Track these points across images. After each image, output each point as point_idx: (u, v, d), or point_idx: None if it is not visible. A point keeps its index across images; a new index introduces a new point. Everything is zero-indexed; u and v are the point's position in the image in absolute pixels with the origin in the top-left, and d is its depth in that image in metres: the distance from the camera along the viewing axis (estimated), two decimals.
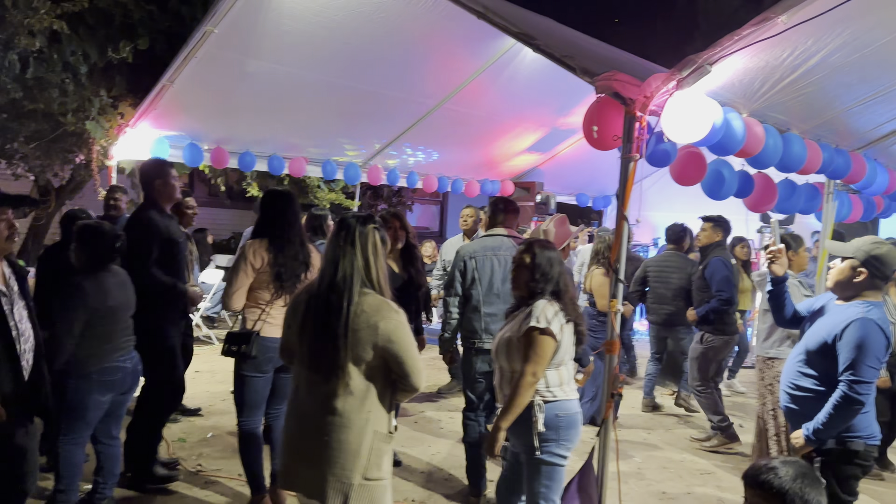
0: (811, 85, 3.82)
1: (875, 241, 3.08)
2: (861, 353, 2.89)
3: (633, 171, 3.36)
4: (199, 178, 12.36)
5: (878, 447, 3.10)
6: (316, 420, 2.49)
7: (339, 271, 2.49)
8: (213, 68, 5.81)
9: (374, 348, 2.46)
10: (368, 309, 2.47)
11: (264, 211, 3.85)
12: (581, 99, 6.92)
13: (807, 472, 1.89)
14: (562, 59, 3.59)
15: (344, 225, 2.55)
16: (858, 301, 3.04)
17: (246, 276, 3.67)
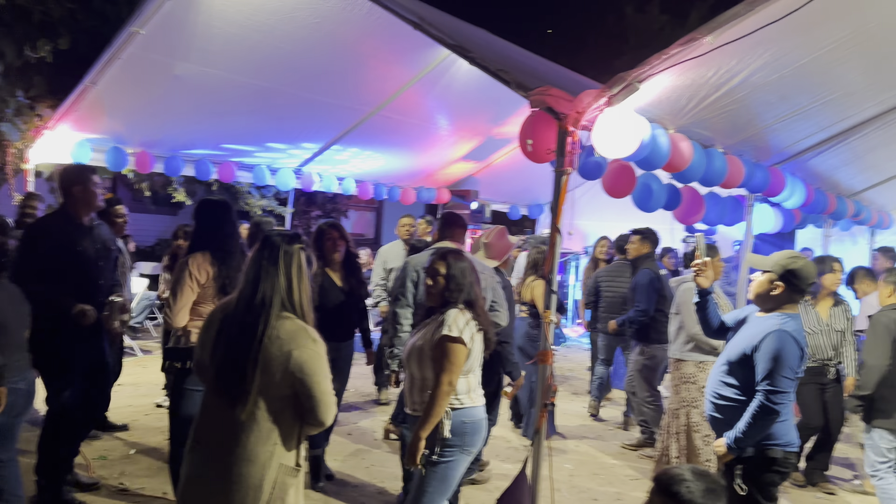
0: (734, 103, 3.97)
1: (792, 256, 3.18)
2: (776, 363, 2.99)
3: (565, 184, 3.41)
4: (122, 183, 11.91)
5: (797, 454, 3.23)
6: (218, 450, 2.32)
7: (258, 292, 2.33)
8: (138, 70, 5.60)
9: (285, 377, 2.30)
10: (284, 335, 2.31)
11: (202, 222, 3.72)
12: (516, 109, 7.06)
13: (715, 488, 1.93)
14: (497, 72, 3.62)
15: (268, 243, 2.40)
16: (776, 313, 3.15)
17: (192, 292, 3.54)
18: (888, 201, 8.72)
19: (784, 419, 3.08)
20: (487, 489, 4.71)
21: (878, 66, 4.33)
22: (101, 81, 5.63)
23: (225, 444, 2.31)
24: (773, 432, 3.07)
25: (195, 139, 7.16)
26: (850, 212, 7.14)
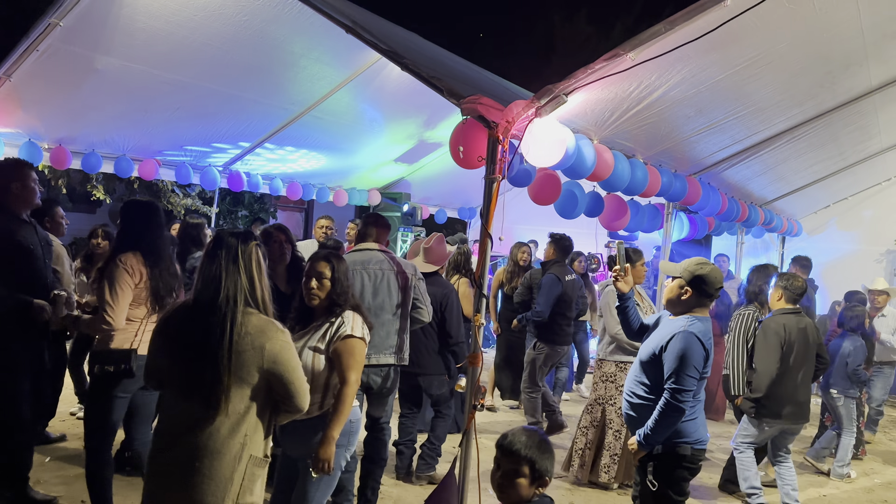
0: (654, 116, 4.15)
1: (700, 263, 3.34)
2: (681, 363, 3.12)
3: (496, 191, 3.49)
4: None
5: (704, 451, 3.37)
6: (188, 447, 2.32)
7: (221, 291, 2.34)
8: (56, 63, 5.38)
9: (259, 370, 2.36)
10: (253, 330, 2.36)
11: (126, 223, 3.62)
12: (447, 114, 7.13)
13: (541, 441, 2.34)
14: (429, 79, 3.66)
15: (223, 242, 2.41)
16: (685, 316, 3.29)
17: (131, 291, 3.45)
18: (797, 210, 9.27)
19: (693, 417, 3.23)
20: (415, 491, 4.74)
21: (787, 84, 4.61)
22: (16, 74, 5.38)
23: (195, 441, 2.32)
24: (682, 430, 3.20)
25: (116, 135, 6.91)
26: (762, 220, 7.55)
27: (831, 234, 9.82)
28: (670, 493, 3.24)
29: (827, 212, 9.82)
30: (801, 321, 4.51)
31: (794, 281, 4.58)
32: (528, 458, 2.29)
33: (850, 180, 8.47)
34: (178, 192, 9.82)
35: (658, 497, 3.26)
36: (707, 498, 5.14)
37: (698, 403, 3.29)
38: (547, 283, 6.00)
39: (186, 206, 9.95)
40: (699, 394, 3.29)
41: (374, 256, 4.21)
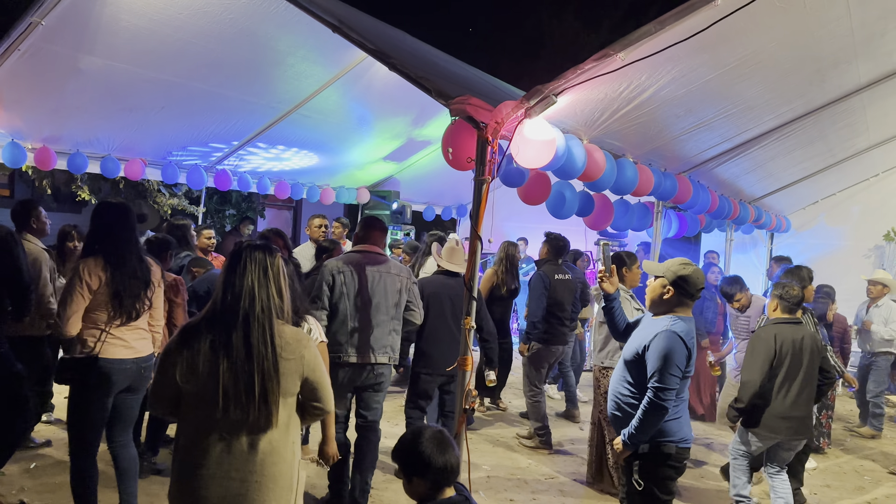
0: (644, 115, 4.13)
1: (682, 263, 3.35)
2: (664, 362, 3.12)
3: (486, 192, 3.46)
4: (21, 180, 11.24)
5: (688, 450, 3.38)
6: (243, 462, 2.29)
7: (257, 303, 2.34)
8: (39, 62, 5.30)
9: (301, 378, 2.40)
10: (292, 340, 2.39)
11: (94, 225, 3.56)
12: (436, 112, 7.10)
13: (443, 439, 2.30)
14: (417, 79, 3.62)
15: (249, 254, 2.39)
16: (668, 315, 3.29)
17: (83, 299, 3.38)
18: (786, 207, 9.30)
19: (677, 416, 3.24)
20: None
21: (776, 82, 4.60)
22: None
23: (250, 455, 2.32)
24: (666, 429, 3.21)
25: (101, 135, 6.83)
26: (751, 217, 7.57)
27: (820, 229, 9.85)
28: (656, 492, 3.25)
29: (815, 208, 9.85)
30: (797, 332, 4.30)
31: (790, 290, 4.38)
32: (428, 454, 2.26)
33: (839, 176, 8.50)
34: (164, 191, 9.72)
35: (644, 496, 3.27)
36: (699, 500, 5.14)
37: (682, 402, 3.30)
38: (532, 283, 5.96)
39: (173, 205, 9.86)
40: (682, 393, 3.29)
41: (373, 259, 4.26)
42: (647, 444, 3.22)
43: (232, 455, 2.31)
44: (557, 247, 6.16)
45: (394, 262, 4.41)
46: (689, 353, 3.19)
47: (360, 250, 4.28)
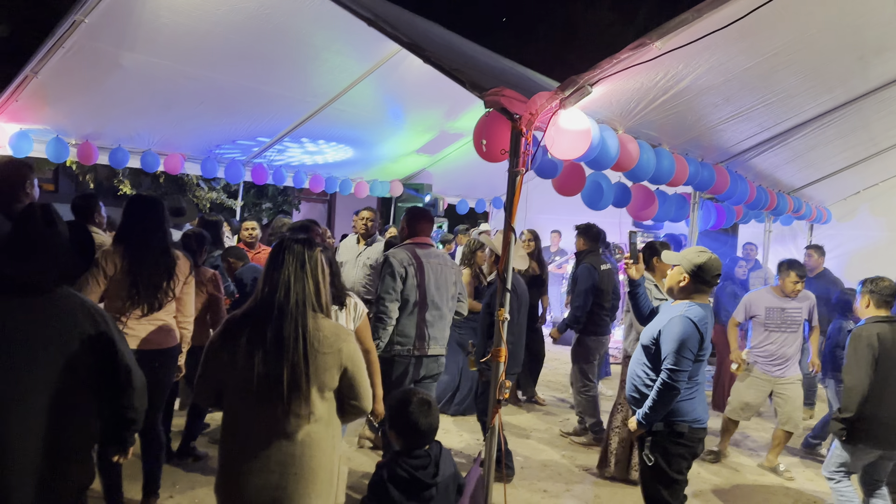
0: (681, 105, 4.07)
1: (698, 251, 3.47)
2: (677, 345, 3.27)
3: (519, 185, 3.46)
4: (65, 174, 11.54)
5: (703, 431, 3.45)
6: (282, 454, 2.34)
7: (291, 296, 2.37)
8: (82, 60, 5.43)
9: (339, 372, 2.42)
10: (329, 334, 2.41)
11: (124, 216, 3.68)
12: (469, 104, 7.10)
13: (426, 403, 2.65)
14: (451, 71, 3.63)
15: (289, 248, 2.44)
16: (684, 301, 3.44)
17: (97, 284, 3.49)
18: (826, 197, 9.09)
19: (691, 398, 3.38)
20: None
21: (817, 70, 4.50)
22: (43, 71, 5.43)
23: (289, 447, 2.34)
24: (680, 409, 3.35)
25: (141, 130, 6.98)
26: (790, 208, 7.42)
27: (861, 220, 9.60)
28: (666, 469, 3.40)
29: (857, 198, 9.60)
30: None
31: (880, 282, 4.10)
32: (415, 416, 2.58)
33: (881, 166, 8.26)
34: (203, 185, 9.88)
35: (654, 472, 3.43)
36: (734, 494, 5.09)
37: (697, 385, 3.43)
38: (582, 274, 5.92)
39: (212, 199, 10.02)
40: (698, 376, 3.42)
41: (432, 251, 4.39)
42: (660, 423, 3.37)
43: (271, 447, 2.34)
44: (594, 235, 6.14)
45: (444, 253, 4.58)
46: (702, 337, 3.32)
47: (416, 243, 4.36)
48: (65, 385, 2.26)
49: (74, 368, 2.28)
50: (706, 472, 5.36)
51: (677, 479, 3.41)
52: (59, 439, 2.25)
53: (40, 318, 2.26)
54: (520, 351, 4.99)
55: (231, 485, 2.38)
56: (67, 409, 2.28)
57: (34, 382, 2.21)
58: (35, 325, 2.24)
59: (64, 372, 2.25)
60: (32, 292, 2.27)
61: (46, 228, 2.31)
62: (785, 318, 5.43)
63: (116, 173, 8.91)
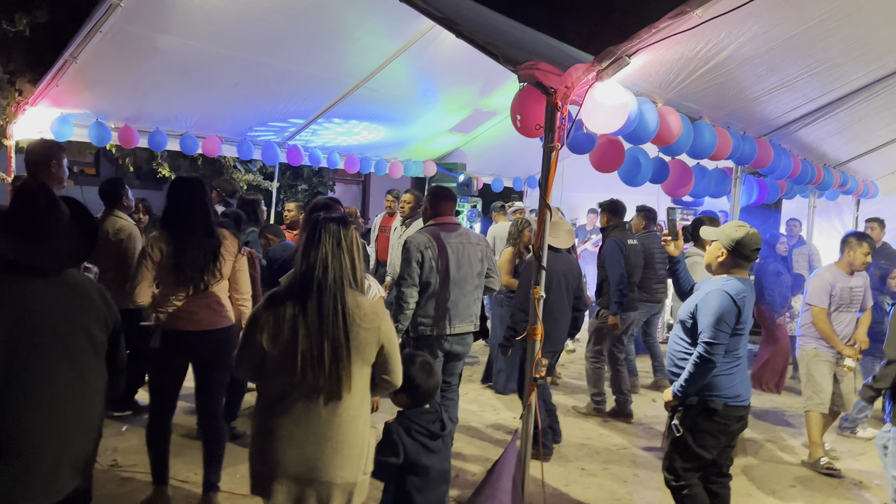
0: (723, 75, 3.95)
1: (736, 226, 3.43)
2: (713, 318, 3.25)
3: (555, 160, 3.40)
4: (105, 158, 11.76)
5: (743, 409, 3.37)
6: (319, 426, 2.41)
7: (329, 273, 2.43)
8: (119, 43, 5.49)
9: (377, 348, 2.50)
10: (369, 311, 2.48)
11: (168, 200, 3.71)
12: (503, 81, 7.00)
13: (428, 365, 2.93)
14: (485, 46, 3.57)
15: (325, 226, 2.49)
16: (723, 276, 3.41)
17: (147, 270, 3.55)
18: (873, 171, 8.79)
19: (729, 373, 3.34)
20: (479, 460, 4.77)
21: (865, 38, 4.32)
22: (82, 55, 5.51)
23: (327, 419, 2.42)
24: (715, 384, 3.32)
25: (179, 113, 7.06)
26: (836, 182, 7.20)
27: None
28: (691, 443, 3.37)
29: None
30: None
31: None
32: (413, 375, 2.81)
33: None
34: (240, 168, 9.99)
35: (678, 443, 3.43)
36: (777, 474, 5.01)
37: (738, 360, 3.39)
38: (609, 250, 5.84)
39: (248, 181, 10.13)
40: (737, 350, 3.37)
41: (456, 231, 4.35)
42: (695, 397, 3.35)
43: (309, 419, 2.41)
44: (616, 209, 6.05)
45: (471, 231, 4.57)
46: (740, 311, 3.28)
47: (438, 223, 4.34)
48: (88, 364, 2.32)
49: (95, 347, 2.34)
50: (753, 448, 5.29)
51: (700, 454, 3.39)
52: (86, 416, 2.31)
53: (61, 301, 2.28)
54: (556, 331, 4.93)
55: (267, 454, 2.43)
56: (90, 387, 2.34)
57: (62, 364, 2.24)
58: (58, 308, 2.26)
59: (87, 352, 2.31)
60: (46, 275, 2.27)
61: (49, 208, 2.29)
62: (851, 298, 5.22)
63: (155, 156, 9.05)
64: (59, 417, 2.21)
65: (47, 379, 2.19)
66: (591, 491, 4.45)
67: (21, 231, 2.23)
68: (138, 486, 4.05)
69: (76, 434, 2.27)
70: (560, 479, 4.58)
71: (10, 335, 2.13)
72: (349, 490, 2.45)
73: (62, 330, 2.25)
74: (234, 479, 4.25)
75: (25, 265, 2.21)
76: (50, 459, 2.18)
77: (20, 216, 2.26)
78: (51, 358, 2.21)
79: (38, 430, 2.15)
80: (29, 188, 2.32)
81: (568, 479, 4.61)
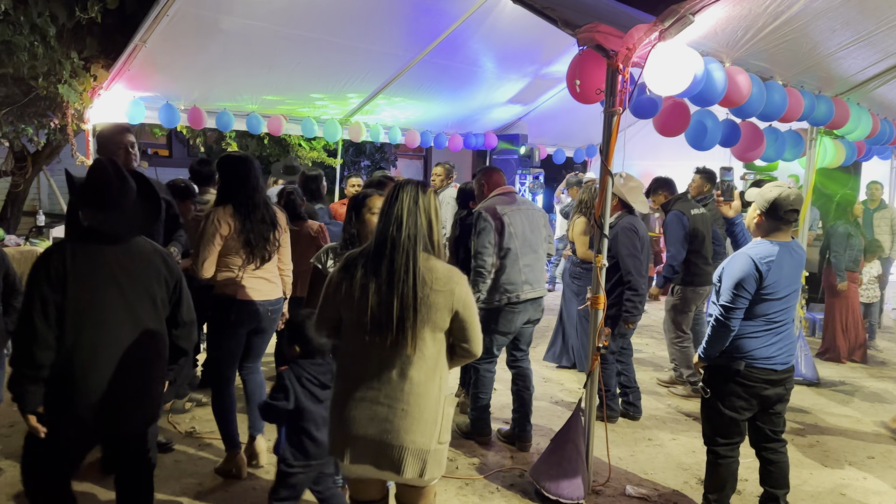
0: (794, 32, 3.78)
1: (773, 186, 3.29)
2: (732, 281, 3.20)
3: (616, 125, 3.34)
4: (177, 139, 12.15)
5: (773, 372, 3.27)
6: (391, 389, 2.40)
7: (402, 230, 2.41)
8: (185, 26, 5.64)
9: (451, 314, 2.43)
10: (441, 275, 2.42)
11: (225, 177, 3.81)
12: (564, 48, 6.88)
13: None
14: (542, 10, 3.52)
15: (403, 187, 2.49)
16: (757, 239, 3.31)
17: (214, 245, 3.67)
18: None
19: (754, 336, 3.25)
20: (542, 431, 4.79)
21: None
22: (151, 39, 5.69)
23: (398, 383, 2.41)
24: (740, 345, 3.27)
25: (245, 93, 7.22)
26: None
27: None
28: (719, 404, 3.37)
29: None
30: None
31: None
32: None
33: None
34: (304, 145, 10.15)
35: (707, 405, 3.45)
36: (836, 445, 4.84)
37: (768, 325, 3.26)
38: (671, 222, 5.64)
39: (313, 158, 10.29)
40: (769, 314, 3.24)
41: (518, 198, 4.49)
42: (720, 358, 3.33)
43: (381, 381, 2.40)
44: (667, 183, 5.84)
45: (527, 199, 4.70)
46: (761, 275, 3.16)
47: (502, 193, 4.46)
48: (149, 319, 2.65)
49: (155, 305, 2.68)
50: (831, 420, 5.13)
51: (729, 415, 3.35)
52: (146, 364, 2.67)
53: (127, 264, 2.61)
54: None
55: (342, 415, 2.46)
56: (154, 344, 2.69)
57: (123, 317, 2.58)
58: (123, 270, 2.59)
59: (148, 309, 2.65)
60: (116, 241, 2.60)
61: (118, 182, 2.58)
62: None
63: (224, 136, 9.29)
64: (123, 364, 2.57)
65: (112, 332, 2.56)
66: (657, 461, 4.41)
67: (94, 202, 2.54)
68: (215, 452, 4.23)
69: (138, 378, 2.64)
70: (626, 449, 4.55)
71: (82, 294, 2.49)
72: (422, 457, 2.41)
73: (127, 289, 2.59)
74: None
75: (98, 232, 2.54)
76: (119, 397, 2.57)
77: (93, 189, 2.56)
78: (115, 313, 2.56)
79: (106, 373, 2.53)
80: (102, 164, 2.60)
81: (634, 450, 4.58)
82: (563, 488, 3.68)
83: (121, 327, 2.58)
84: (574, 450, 3.76)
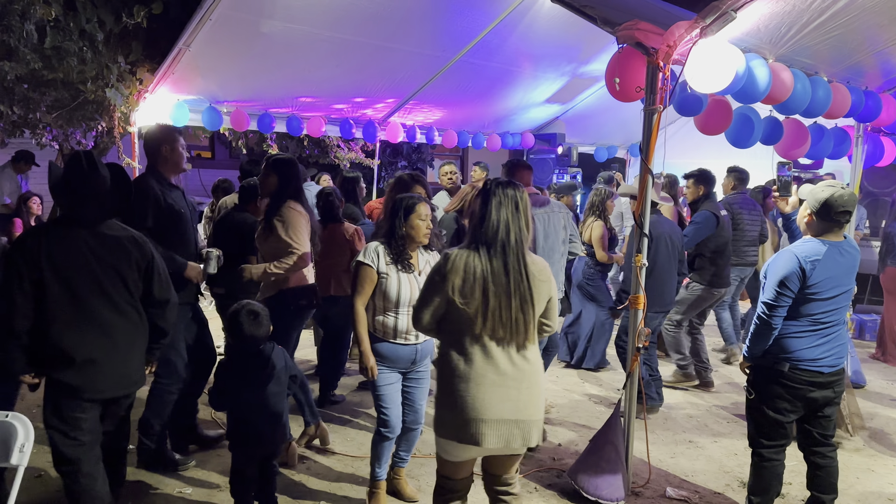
0: (840, 27, 3.69)
1: (825, 185, 3.21)
2: (774, 279, 3.16)
3: (657, 123, 3.32)
4: (220, 141, 12.38)
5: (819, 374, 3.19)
6: (513, 375, 2.62)
7: (511, 234, 2.61)
8: (228, 30, 5.75)
9: (547, 302, 2.72)
10: (542, 267, 2.70)
11: (283, 177, 4.09)
12: (602, 46, 6.82)
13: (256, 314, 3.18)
14: (581, 8, 3.51)
15: (502, 190, 2.66)
16: (808, 237, 3.25)
17: (306, 233, 4.11)
18: None
19: (799, 336, 3.18)
20: (580, 431, 4.76)
21: None
22: (194, 43, 5.80)
23: (520, 367, 2.64)
24: (784, 345, 3.21)
25: (285, 95, 7.33)
26: None
27: None
28: (763, 407, 3.32)
29: None
30: None
31: None
32: None
33: None
34: (342, 146, 10.25)
35: (751, 406, 3.39)
36: None
37: (815, 325, 3.18)
38: (701, 218, 5.54)
39: (351, 159, 10.39)
40: (816, 315, 3.17)
41: (538, 200, 4.43)
42: (764, 359, 3.28)
43: (506, 365, 2.62)
44: (708, 179, 5.76)
45: (551, 199, 4.72)
46: (804, 274, 3.09)
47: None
48: (122, 298, 2.97)
49: (127, 285, 2.97)
50: (878, 422, 5.00)
51: (773, 417, 3.29)
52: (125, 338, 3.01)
53: (98, 247, 2.90)
54: (665, 292, 4.94)
55: (476, 401, 2.61)
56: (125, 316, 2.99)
57: (100, 296, 2.91)
58: (94, 253, 2.89)
59: (120, 289, 2.95)
60: (87, 225, 2.90)
61: (89, 171, 2.89)
62: None
63: (265, 138, 9.43)
64: (106, 338, 2.92)
65: (92, 309, 2.89)
66: (698, 463, 4.35)
67: (67, 190, 2.88)
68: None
69: (121, 351, 2.98)
70: (667, 451, 4.50)
71: (62, 274, 2.82)
72: (540, 427, 2.72)
73: (97, 269, 2.89)
74: (346, 442, 4.45)
75: (72, 217, 2.89)
76: (106, 367, 2.93)
77: (66, 178, 2.90)
78: (92, 292, 2.89)
79: (93, 347, 2.89)
80: (76, 155, 2.91)
81: (675, 451, 4.52)
82: (603, 489, 3.66)
83: (95, 301, 2.89)
84: (613, 451, 3.74)
